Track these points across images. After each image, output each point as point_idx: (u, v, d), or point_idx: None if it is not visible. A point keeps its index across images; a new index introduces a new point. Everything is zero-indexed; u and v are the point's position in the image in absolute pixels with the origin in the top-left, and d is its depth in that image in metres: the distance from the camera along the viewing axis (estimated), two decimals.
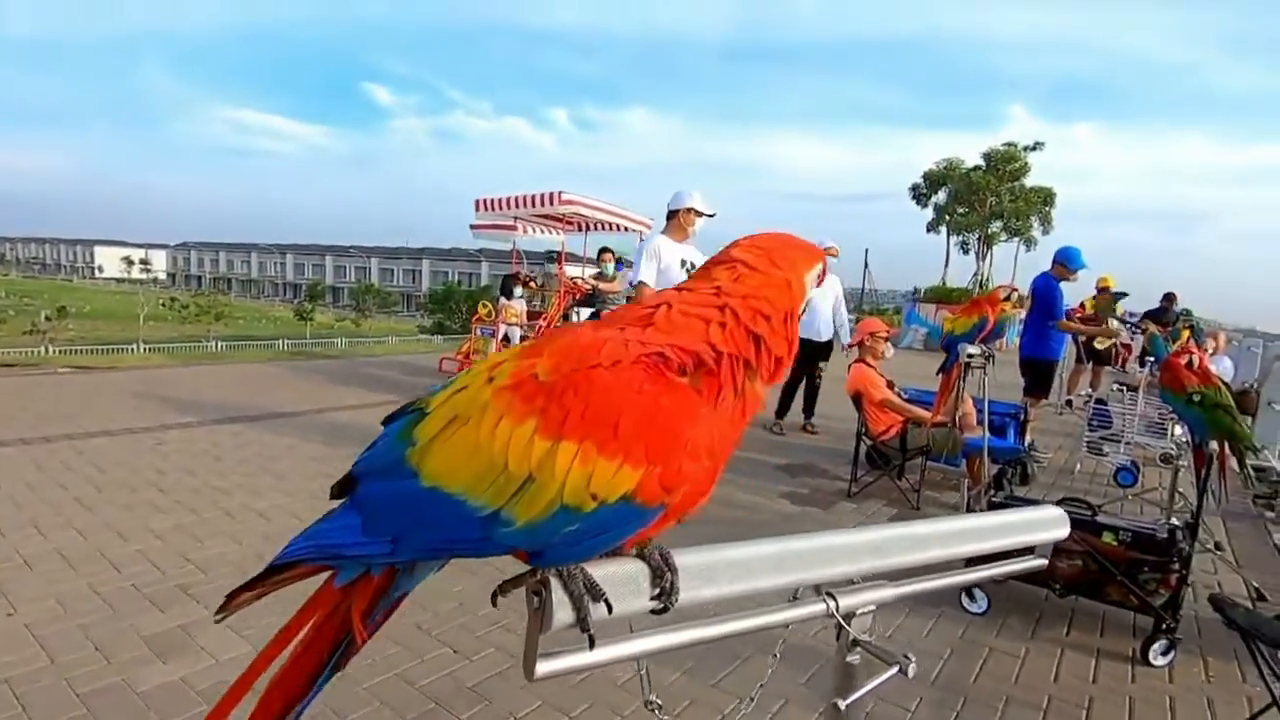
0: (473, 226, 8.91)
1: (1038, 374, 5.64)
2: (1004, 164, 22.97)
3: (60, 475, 4.11)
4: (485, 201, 8.40)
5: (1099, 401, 5.76)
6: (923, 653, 2.65)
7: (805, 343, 6.19)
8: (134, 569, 2.95)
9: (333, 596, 0.71)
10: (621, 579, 0.62)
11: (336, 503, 0.72)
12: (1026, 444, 5.44)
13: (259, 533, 3.41)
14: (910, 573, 0.82)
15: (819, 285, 0.74)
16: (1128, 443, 5.55)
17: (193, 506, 3.71)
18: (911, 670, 0.69)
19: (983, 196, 23.04)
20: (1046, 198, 23.55)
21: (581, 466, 0.58)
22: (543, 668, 0.57)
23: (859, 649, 0.71)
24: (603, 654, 0.59)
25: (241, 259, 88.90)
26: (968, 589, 3.00)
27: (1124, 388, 5.99)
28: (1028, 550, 0.88)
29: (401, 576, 0.71)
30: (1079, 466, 5.61)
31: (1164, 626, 2.67)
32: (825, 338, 6.29)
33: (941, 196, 24.56)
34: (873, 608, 0.71)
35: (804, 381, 6.41)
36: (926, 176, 24.70)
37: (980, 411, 4.18)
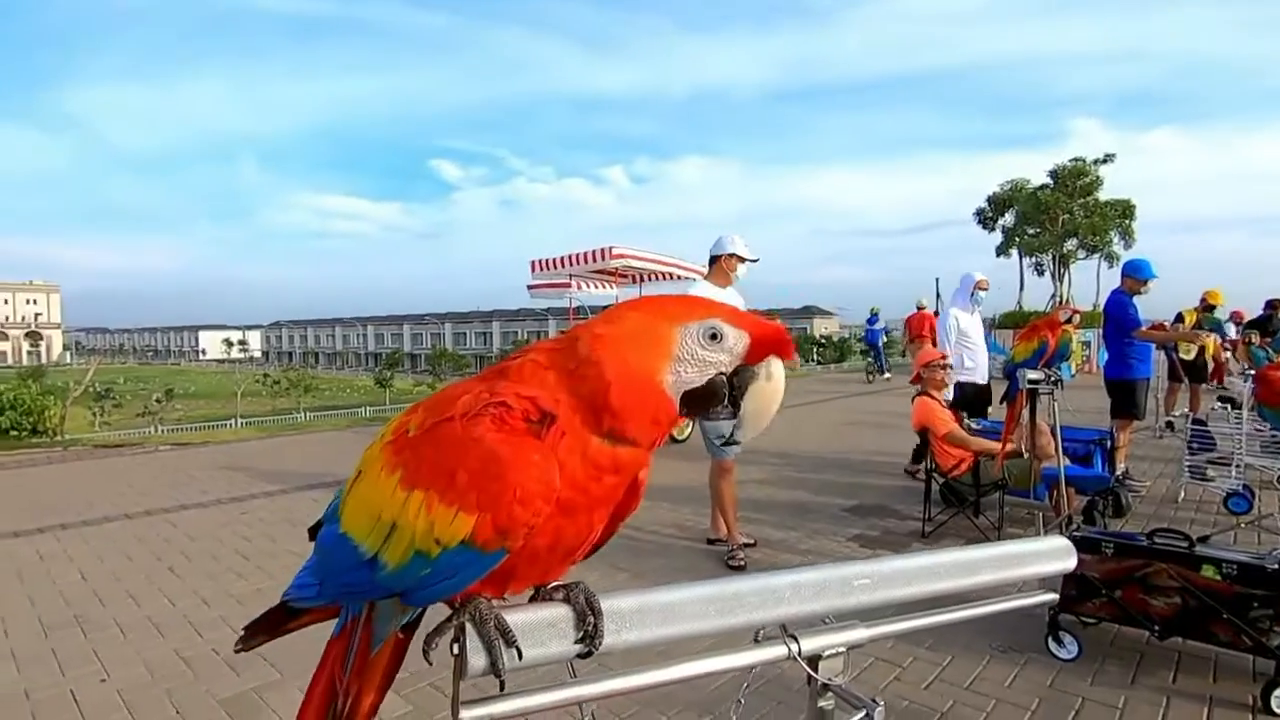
0: (529, 287, 9.21)
1: (1122, 395, 5.28)
2: (1073, 180, 22.09)
3: (156, 546, 4.40)
4: (540, 262, 8.70)
5: (1197, 422, 5.31)
6: (1006, 703, 2.46)
7: (964, 385, 5.43)
8: (214, 634, 3.10)
9: (329, 648, 0.77)
10: (542, 623, 0.61)
11: None
12: (1119, 472, 5.05)
13: None
14: (912, 608, 0.78)
15: (716, 341, 0.67)
16: (1238, 465, 5.07)
17: (271, 571, 3.89)
18: (879, 715, 0.65)
19: (1053, 215, 22.13)
20: (1125, 210, 22.42)
21: (427, 514, 0.62)
22: (467, 715, 0.57)
23: (831, 693, 0.68)
24: (534, 699, 0.58)
25: (327, 333, 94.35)
26: (1053, 633, 2.77)
27: (1228, 405, 5.51)
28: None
29: (367, 622, 0.74)
30: (1183, 494, 5.15)
31: None
32: (984, 380, 5.63)
33: (1009, 219, 23.78)
34: (842, 649, 0.68)
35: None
36: (991, 200, 24.02)
37: (1057, 439, 3.93)
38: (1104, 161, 22.44)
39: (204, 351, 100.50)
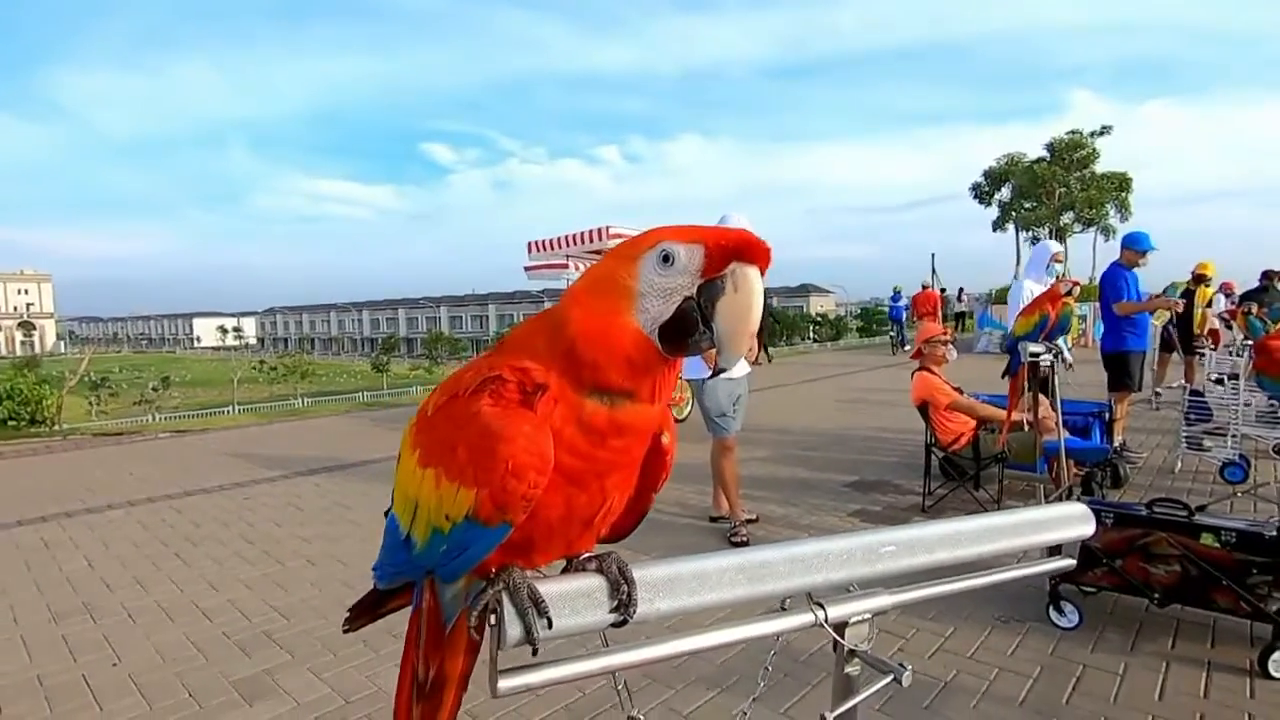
0: (526, 268, 9.16)
1: (1117, 368, 5.32)
2: (1069, 152, 21.99)
3: (161, 533, 4.41)
4: (537, 243, 8.65)
5: (1194, 393, 5.34)
6: (1009, 672, 2.50)
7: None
8: (224, 618, 3.12)
9: (409, 625, 0.79)
10: (576, 593, 0.62)
11: None
12: (1116, 444, 5.09)
13: (338, 579, 3.55)
14: (930, 575, 0.78)
15: (670, 263, 0.61)
16: (1235, 435, 5.12)
17: (278, 556, 3.91)
18: (906, 679, 0.66)
19: (1050, 188, 22.05)
20: (1121, 183, 22.34)
21: (436, 490, 0.63)
22: (505, 684, 0.58)
23: (857, 659, 0.69)
24: (569, 668, 0.59)
25: (322, 319, 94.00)
26: (1054, 602, 2.81)
27: (1225, 376, 5.55)
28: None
29: (432, 598, 0.75)
30: (1179, 465, 5.20)
31: None
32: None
33: (1005, 193, 23.71)
34: (868, 616, 0.69)
35: None
36: (987, 174, 23.92)
37: (1057, 412, 3.95)
38: (1101, 134, 22.35)
39: (199, 339, 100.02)
